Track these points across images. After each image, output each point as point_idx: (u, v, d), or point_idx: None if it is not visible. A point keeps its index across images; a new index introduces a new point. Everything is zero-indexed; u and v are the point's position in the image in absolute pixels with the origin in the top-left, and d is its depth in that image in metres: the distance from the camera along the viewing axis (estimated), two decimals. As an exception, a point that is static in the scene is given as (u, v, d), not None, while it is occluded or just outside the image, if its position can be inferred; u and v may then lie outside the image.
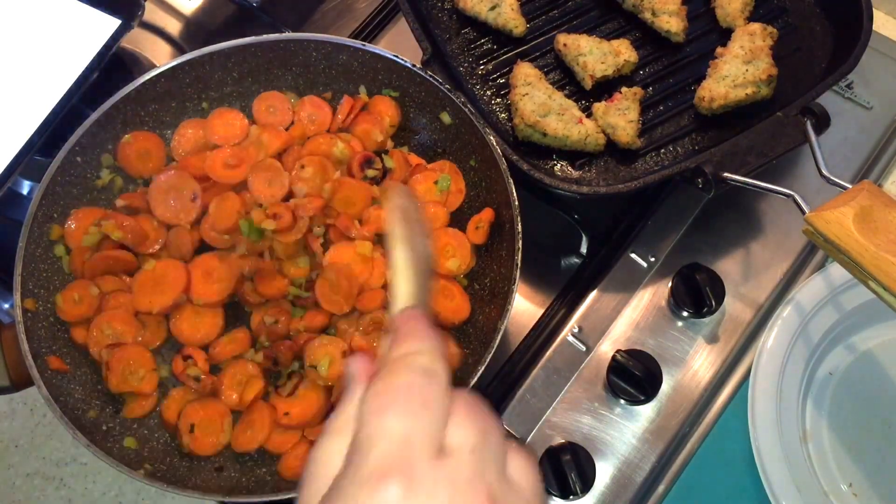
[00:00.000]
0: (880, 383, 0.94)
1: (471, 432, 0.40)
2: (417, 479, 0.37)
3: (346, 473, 0.38)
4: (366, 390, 0.41)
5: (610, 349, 0.93)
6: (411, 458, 0.37)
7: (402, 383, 0.40)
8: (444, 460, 0.38)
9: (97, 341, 0.85)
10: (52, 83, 0.96)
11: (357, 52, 0.94)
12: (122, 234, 0.86)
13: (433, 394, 0.40)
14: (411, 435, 0.38)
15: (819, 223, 0.76)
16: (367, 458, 0.38)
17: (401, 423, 0.39)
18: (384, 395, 0.40)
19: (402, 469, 0.37)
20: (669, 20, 1.03)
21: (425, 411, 0.39)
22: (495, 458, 0.40)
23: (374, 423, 0.39)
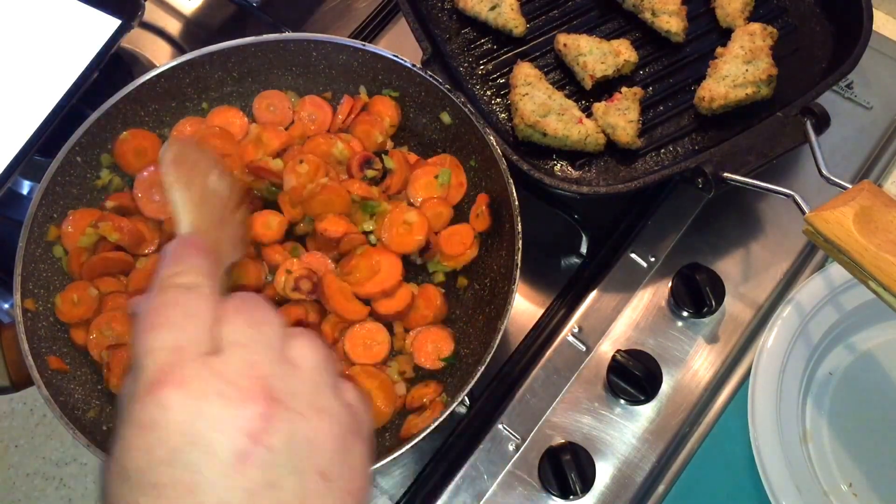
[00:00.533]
0: (880, 383, 0.94)
1: (238, 328, 0.42)
2: (188, 379, 0.39)
3: (128, 394, 0.40)
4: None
5: (610, 349, 0.93)
6: (180, 362, 0.39)
7: (163, 300, 0.43)
8: (214, 357, 0.40)
9: (97, 342, 0.85)
10: (52, 83, 0.96)
11: (357, 52, 0.94)
12: (119, 236, 0.86)
13: (194, 304, 0.43)
14: (177, 343, 0.40)
15: (819, 223, 0.76)
16: (141, 374, 0.40)
17: (166, 336, 0.41)
18: (148, 315, 0.42)
19: (173, 374, 0.39)
20: (669, 20, 1.03)
21: (187, 320, 0.42)
22: (268, 346, 0.42)
23: (142, 341, 0.41)
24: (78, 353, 0.86)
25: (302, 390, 0.41)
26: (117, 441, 0.39)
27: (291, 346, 0.43)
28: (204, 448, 0.37)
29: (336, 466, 0.40)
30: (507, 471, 0.88)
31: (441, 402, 0.82)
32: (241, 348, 0.41)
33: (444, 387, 0.85)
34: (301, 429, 0.40)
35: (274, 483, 0.38)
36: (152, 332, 0.41)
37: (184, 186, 0.49)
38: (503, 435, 0.90)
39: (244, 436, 0.38)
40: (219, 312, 0.43)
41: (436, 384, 0.85)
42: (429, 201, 0.91)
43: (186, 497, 0.36)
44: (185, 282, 0.44)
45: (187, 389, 0.38)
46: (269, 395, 0.39)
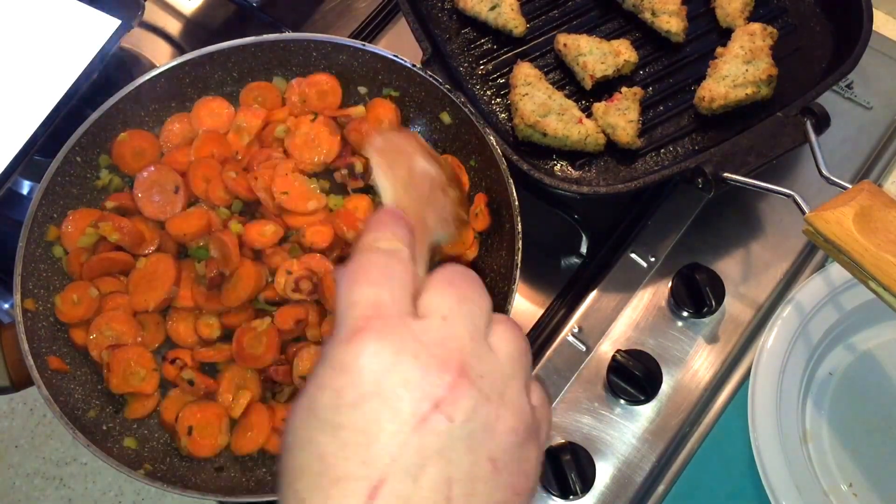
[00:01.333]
0: (880, 383, 0.94)
1: (445, 300, 0.42)
2: (387, 333, 0.39)
3: (328, 342, 0.41)
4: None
5: (610, 349, 0.93)
6: (382, 315, 0.40)
7: (364, 261, 0.43)
8: (415, 320, 0.40)
9: (97, 343, 0.85)
10: (52, 83, 0.96)
11: (357, 52, 0.94)
12: (119, 237, 0.86)
13: (395, 267, 0.43)
14: (378, 297, 0.41)
15: (819, 223, 0.76)
16: (342, 324, 0.40)
17: (367, 291, 0.41)
18: (349, 273, 0.42)
19: (374, 325, 0.39)
20: (669, 20, 1.03)
21: (389, 280, 0.42)
22: (472, 324, 0.42)
23: (344, 297, 0.41)
24: (78, 353, 0.86)
25: (494, 375, 0.41)
26: (311, 379, 0.40)
27: (493, 329, 0.43)
28: (389, 401, 0.37)
29: (508, 459, 0.40)
30: (507, 471, 0.88)
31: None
32: (443, 319, 0.41)
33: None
34: (484, 411, 0.39)
35: (446, 454, 0.38)
36: (355, 287, 0.41)
37: (387, 169, 0.51)
38: (503, 435, 0.90)
39: (429, 400, 0.38)
40: (427, 282, 0.43)
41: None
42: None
43: (362, 443, 0.37)
44: (386, 246, 0.44)
45: (385, 342, 0.39)
46: (462, 369, 0.39)
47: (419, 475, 0.37)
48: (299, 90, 0.95)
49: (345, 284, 0.42)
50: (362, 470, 0.36)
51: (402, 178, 0.51)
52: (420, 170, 0.53)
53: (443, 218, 0.53)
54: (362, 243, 0.45)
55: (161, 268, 0.87)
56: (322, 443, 0.38)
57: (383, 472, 0.36)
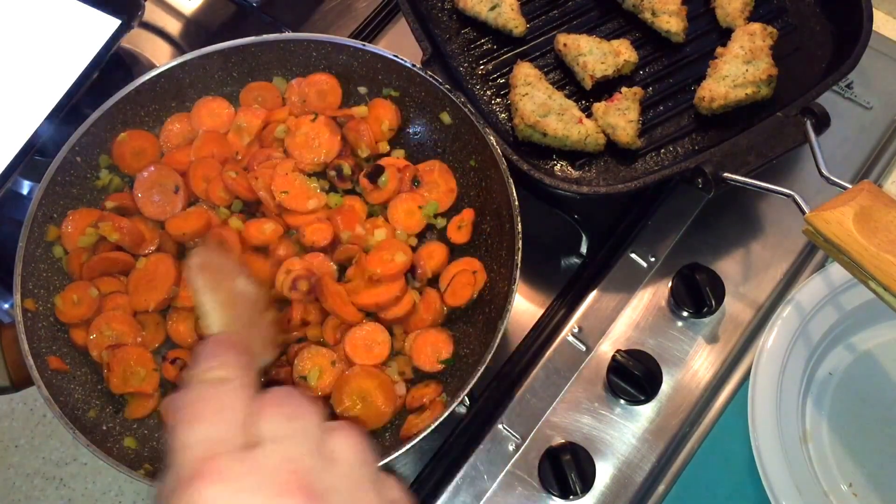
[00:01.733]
0: (880, 383, 0.94)
1: (275, 423, 0.42)
2: (224, 472, 0.38)
3: (163, 491, 0.40)
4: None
5: (610, 349, 0.93)
6: (216, 457, 0.39)
7: (195, 396, 0.43)
8: (251, 451, 0.40)
9: (97, 343, 0.85)
10: (52, 83, 0.96)
11: (357, 52, 0.94)
12: (119, 237, 0.86)
13: (227, 398, 0.43)
14: (211, 437, 0.40)
15: (819, 223, 0.76)
16: (177, 469, 0.40)
17: (200, 430, 0.41)
18: (181, 410, 0.42)
19: (210, 467, 0.39)
20: (669, 20, 1.03)
21: (219, 415, 0.42)
22: (306, 440, 0.42)
23: (176, 437, 0.41)
24: (78, 353, 0.86)
25: (342, 486, 0.41)
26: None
27: (331, 440, 0.43)
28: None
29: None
30: (507, 471, 0.88)
31: (441, 402, 0.82)
32: (278, 442, 0.41)
33: (443, 387, 0.85)
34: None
35: None
36: (186, 427, 0.41)
37: (211, 290, 0.51)
38: (503, 435, 0.90)
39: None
40: (255, 407, 0.43)
41: (436, 384, 0.85)
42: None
43: None
44: (217, 376, 0.44)
45: (224, 483, 0.38)
46: (309, 489, 0.39)
47: None
48: (299, 90, 0.95)
49: (176, 424, 0.42)
50: None
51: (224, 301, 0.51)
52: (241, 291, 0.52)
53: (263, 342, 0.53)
54: (193, 375, 0.45)
55: (161, 268, 0.87)
56: None
57: None
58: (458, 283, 0.87)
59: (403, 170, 0.93)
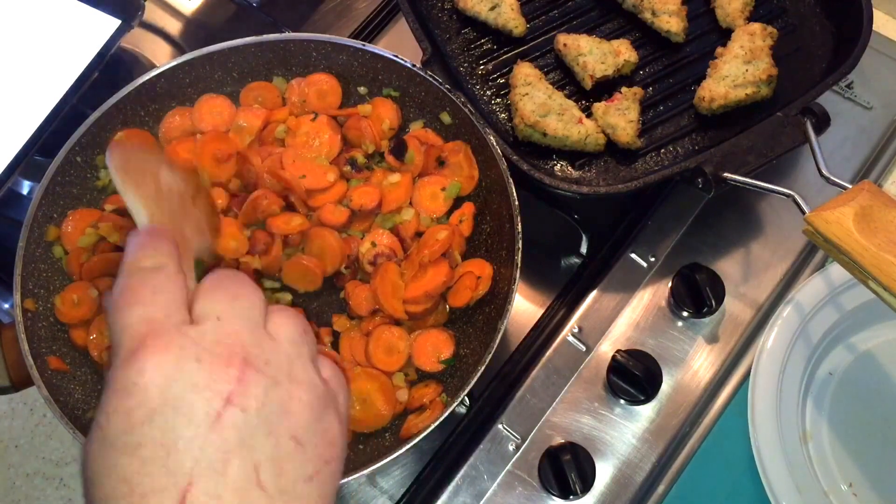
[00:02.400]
0: (880, 383, 0.94)
1: (217, 302, 0.43)
2: (164, 345, 0.40)
3: (109, 368, 0.41)
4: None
5: (610, 349, 0.93)
6: (157, 330, 0.40)
7: (131, 282, 0.44)
8: (190, 327, 0.41)
9: (97, 343, 0.85)
10: (52, 83, 0.96)
11: (357, 52, 0.94)
12: (119, 237, 0.86)
13: (161, 282, 0.44)
14: (150, 315, 0.41)
15: (819, 223, 0.76)
16: (119, 348, 0.41)
17: (138, 311, 0.42)
18: (117, 298, 0.43)
19: (150, 341, 0.40)
20: (669, 20, 1.03)
21: (157, 295, 0.43)
22: (248, 318, 0.43)
23: (116, 322, 0.42)
24: (78, 354, 0.85)
25: (278, 360, 0.42)
26: (99, 408, 0.40)
27: (270, 319, 0.45)
28: (181, 409, 0.38)
29: (309, 433, 0.42)
30: (507, 471, 0.88)
31: (441, 402, 0.82)
32: (217, 319, 0.42)
33: (444, 387, 0.85)
34: (275, 394, 0.41)
35: (247, 443, 0.39)
36: (124, 311, 0.42)
37: (135, 185, 0.51)
38: (503, 435, 0.90)
39: (219, 398, 0.39)
40: (195, 292, 0.44)
41: (436, 384, 0.85)
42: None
43: (164, 456, 0.38)
44: (150, 264, 0.45)
45: (164, 355, 0.39)
46: (245, 361, 0.41)
47: (225, 469, 0.38)
48: (299, 90, 0.95)
49: (114, 309, 0.42)
50: (168, 479, 0.37)
51: (150, 194, 0.51)
52: (167, 183, 0.53)
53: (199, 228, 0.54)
54: (125, 266, 0.45)
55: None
56: (122, 465, 0.38)
57: (189, 476, 0.37)
58: (462, 285, 0.87)
59: (429, 148, 0.92)
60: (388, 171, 0.92)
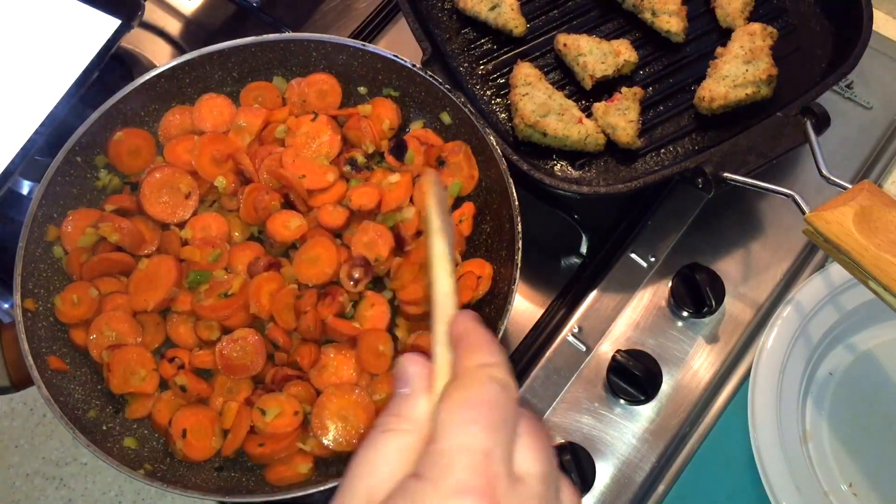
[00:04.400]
0: (880, 383, 0.94)
1: (541, 458, 0.40)
2: (498, 499, 0.37)
3: (422, 486, 0.37)
4: (442, 399, 0.40)
5: (610, 349, 0.93)
6: (493, 476, 0.37)
7: (485, 397, 0.40)
8: (520, 485, 0.38)
9: (97, 343, 0.85)
10: (52, 83, 0.96)
11: (357, 52, 0.94)
12: (119, 237, 0.86)
13: (511, 411, 0.40)
14: (493, 452, 0.38)
15: (819, 223, 0.76)
16: (449, 471, 0.37)
17: (483, 439, 0.38)
18: (467, 409, 0.39)
19: (485, 487, 0.37)
20: (669, 20, 1.03)
21: (505, 428, 0.39)
22: (557, 488, 0.40)
23: (456, 436, 0.38)
24: (78, 354, 0.86)
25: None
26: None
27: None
28: None
29: None
30: (507, 471, 0.88)
31: (441, 402, 0.82)
32: (540, 484, 0.39)
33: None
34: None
35: None
36: (468, 429, 0.38)
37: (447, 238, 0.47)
38: (503, 435, 0.90)
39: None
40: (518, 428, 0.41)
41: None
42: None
43: None
44: (502, 379, 0.41)
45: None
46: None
47: None
48: (299, 90, 0.95)
49: (457, 419, 0.39)
50: None
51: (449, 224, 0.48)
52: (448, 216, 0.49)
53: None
54: (473, 367, 0.41)
55: (161, 268, 0.87)
56: None
57: None
58: (463, 284, 0.87)
59: (429, 148, 0.92)
60: (388, 171, 0.92)
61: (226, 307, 0.84)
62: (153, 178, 0.89)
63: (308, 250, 0.87)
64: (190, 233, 0.89)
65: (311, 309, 0.83)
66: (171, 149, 0.92)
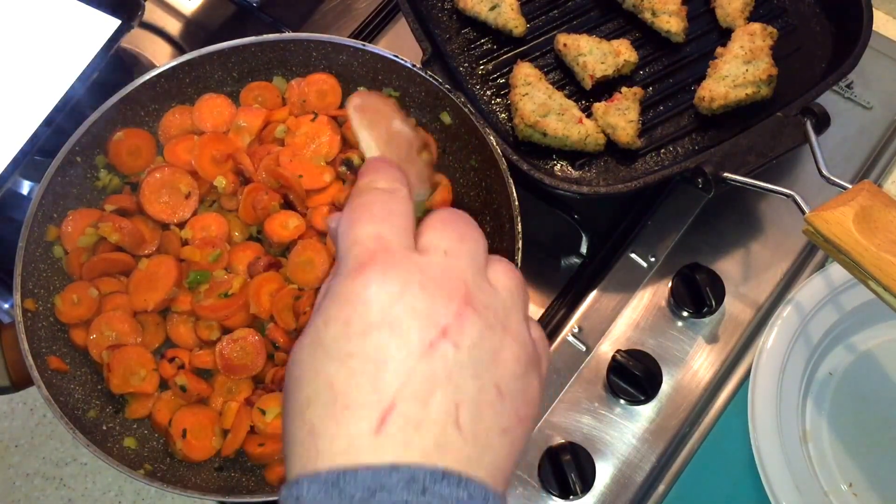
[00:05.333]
0: (880, 383, 0.94)
1: (445, 238, 0.43)
2: (393, 265, 0.39)
3: (332, 279, 0.41)
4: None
5: (610, 349, 0.93)
6: (386, 248, 0.40)
7: (365, 199, 0.43)
8: (419, 254, 0.41)
9: (97, 343, 0.85)
10: (52, 83, 0.96)
11: (357, 52, 0.94)
12: (119, 237, 0.86)
13: (395, 203, 0.43)
14: (382, 233, 0.41)
15: (819, 223, 0.76)
16: (346, 261, 0.41)
17: (370, 227, 0.41)
18: (350, 212, 0.43)
19: (379, 258, 0.40)
20: (669, 20, 1.03)
21: (392, 216, 0.42)
22: (473, 259, 0.43)
23: (346, 236, 0.42)
24: (78, 353, 0.86)
25: (495, 306, 0.42)
26: (317, 313, 0.40)
27: (491, 266, 0.44)
28: (397, 330, 0.38)
29: (513, 386, 0.41)
30: (507, 471, 0.88)
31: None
32: (445, 254, 0.42)
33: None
34: (489, 339, 0.40)
35: (454, 379, 0.38)
36: (357, 225, 0.42)
37: (368, 127, 0.53)
38: (503, 435, 0.90)
39: (435, 328, 0.39)
40: (422, 225, 0.44)
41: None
42: None
43: (373, 371, 0.38)
44: (384, 185, 0.44)
45: (391, 274, 0.39)
46: (466, 298, 0.40)
47: (428, 400, 0.37)
48: (299, 90, 0.95)
49: (346, 223, 0.42)
50: (372, 396, 0.37)
51: (382, 136, 0.52)
52: (397, 130, 0.54)
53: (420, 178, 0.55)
54: (360, 185, 0.45)
55: (161, 268, 0.87)
56: (331, 372, 0.38)
57: (393, 397, 0.37)
58: None
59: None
60: None
61: (226, 307, 0.84)
62: (153, 178, 0.89)
63: (300, 254, 0.87)
64: (190, 233, 0.89)
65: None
66: (171, 149, 0.92)
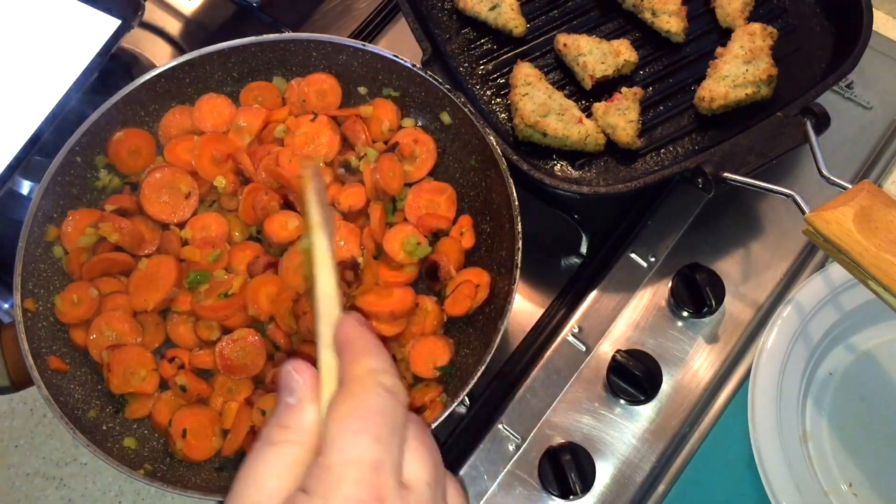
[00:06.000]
0: (880, 383, 0.94)
1: (427, 464, 0.40)
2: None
3: (311, 501, 0.37)
4: (330, 409, 0.40)
5: (610, 349, 0.93)
6: (381, 488, 0.37)
7: (374, 406, 0.39)
8: (408, 492, 0.38)
9: (97, 343, 0.85)
10: (52, 83, 0.96)
11: (357, 52, 0.94)
12: (119, 237, 0.86)
13: (400, 417, 0.40)
14: (382, 463, 0.38)
15: (819, 223, 0.76)
16: (337, 486, 0.37)
17: (372, 451, 0.38)
18: (355, 419, 0.39)
19: (373, 501, 0.37)
20: (669, 20, 1.03)
21: (394, 438, 0.39)
22: (444, 490, 0.41)
23: (345, 449, 0.38)
24: (78, 354, 0.86)
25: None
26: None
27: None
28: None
29: None
30: (507, 471, 0.88)
31: (441, 402, 0.82)
32: (427, 488, 0.39)
33: (444, 387, 0.85)
34: None
35: None
36: (359, 437, 0.38)
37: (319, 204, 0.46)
38: (503, 435, 0.90)
39: None
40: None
41: (436, 385, 0.85)
42: None
43: None
44: (390, 385, 0.40)
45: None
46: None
47: None
48: (299, 90, 0.95)
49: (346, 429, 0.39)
50: None
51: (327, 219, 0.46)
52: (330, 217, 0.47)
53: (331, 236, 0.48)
54: (361, 374, 0.41)
55: (161, 268, 0.87)
56: None
57: None
58: (461, 294, 0.86)
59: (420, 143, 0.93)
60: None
61: (226, 307, 0.84)
62: (153, 178, 0.90)
63: (293, 258, 0.86)
64: (190, 233, 0.89)
65: (310, 311, 0.83)
66: (171, 149, 0.92)
